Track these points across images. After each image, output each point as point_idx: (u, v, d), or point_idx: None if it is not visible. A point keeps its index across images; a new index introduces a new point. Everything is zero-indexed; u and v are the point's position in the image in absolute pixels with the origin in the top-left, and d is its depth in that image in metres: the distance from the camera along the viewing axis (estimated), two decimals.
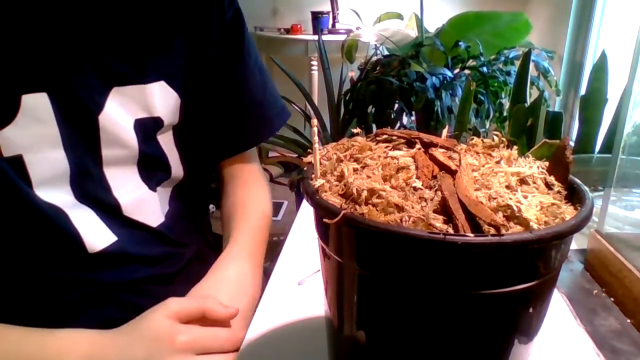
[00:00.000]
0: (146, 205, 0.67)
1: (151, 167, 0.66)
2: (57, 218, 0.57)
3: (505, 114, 1.76)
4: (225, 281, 0.61)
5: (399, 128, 1.52)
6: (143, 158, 0.64)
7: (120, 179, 0.63)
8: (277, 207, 2.73)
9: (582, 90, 1.55)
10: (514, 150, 0.44)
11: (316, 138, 0.41)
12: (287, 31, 3.03)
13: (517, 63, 1.61)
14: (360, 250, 0.36)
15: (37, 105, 0.55)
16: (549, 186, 0.40)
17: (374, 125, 1.83)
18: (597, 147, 1.29)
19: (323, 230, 0.40)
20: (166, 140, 0.68)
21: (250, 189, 0.76)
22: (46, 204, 0.56)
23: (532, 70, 1.54)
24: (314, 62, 2.93)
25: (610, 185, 0.72)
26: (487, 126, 1.74)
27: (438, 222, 0.34)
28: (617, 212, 0.78)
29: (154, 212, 0.68)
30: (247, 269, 0.65)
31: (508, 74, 1.77)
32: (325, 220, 0.36)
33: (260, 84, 0.75)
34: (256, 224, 0.71)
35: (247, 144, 0.77)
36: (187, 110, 0.69)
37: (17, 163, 0.54)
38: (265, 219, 0.73)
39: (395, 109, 1.79)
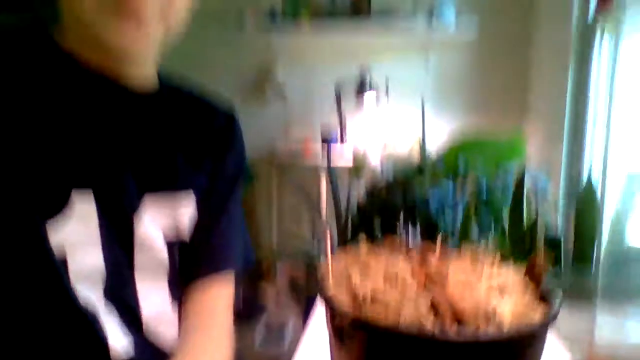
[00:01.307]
0: (166, 318, 0.68)
1: (177, 279, 0.69)
2: (90, 316, 0.59)
3: (506, 226, 1.82)
4: None
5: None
6: (171, 269, 0.68)
7: (149, 285, 0.66)
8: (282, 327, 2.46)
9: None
10: (497, 259, 0.52)
11: (329, 249, 0.49)
12: (298, 154, 3.00)
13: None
14: (369, 349, 0.42)
15: (83, 203, 0.59)
16: (525, 291, 0.47)
17: (380, 234, 1.90)
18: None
19: (335, 332, 0.47)
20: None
21: (209, 335, 0.71)
22: (82, 300, 0.58)
23: (529, 185, 1.62)
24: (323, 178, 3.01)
25: (597, 296, 0.78)
26: (488, 239, 1.80)
27: (429, 322, 0.41)
28: (610, 324, 0.82)
29: (173, 326, 0.69)
30: None
31: (507, 188, 1.87)
32: (337, 323, 0.43)
33: (232, 230, 0.76)
34: None
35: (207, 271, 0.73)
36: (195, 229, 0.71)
37: (60, 256, 0.57)
38: None
39: (400, 220, 1.87)
